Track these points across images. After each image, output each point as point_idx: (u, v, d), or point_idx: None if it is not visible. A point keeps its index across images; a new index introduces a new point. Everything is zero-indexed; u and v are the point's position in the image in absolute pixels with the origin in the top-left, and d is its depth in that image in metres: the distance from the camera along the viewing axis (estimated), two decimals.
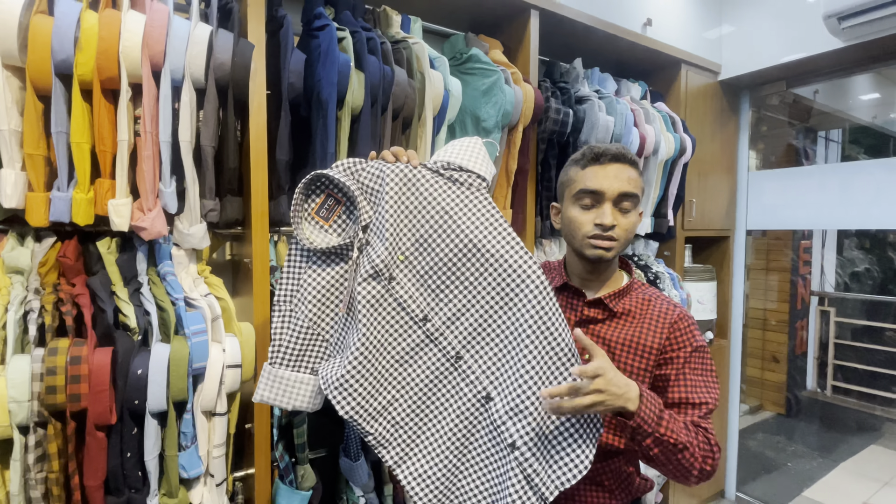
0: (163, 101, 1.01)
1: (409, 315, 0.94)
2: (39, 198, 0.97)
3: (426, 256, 0.93)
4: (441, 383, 0.94)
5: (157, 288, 1.08)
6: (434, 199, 0.92)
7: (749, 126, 2.59)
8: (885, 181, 2.15)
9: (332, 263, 0.99)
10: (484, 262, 0.89)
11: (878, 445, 3.45)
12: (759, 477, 2.89)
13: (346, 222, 0.99)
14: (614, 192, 0.92)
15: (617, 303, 0.98)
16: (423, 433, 0.94)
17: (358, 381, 0.89)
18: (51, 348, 0.93)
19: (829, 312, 3.95)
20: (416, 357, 0.94)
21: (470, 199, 0.92)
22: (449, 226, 0.91)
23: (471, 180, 0.93)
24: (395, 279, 0.93)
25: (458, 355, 0.93)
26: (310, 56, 1.22)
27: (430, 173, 0.93)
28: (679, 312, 0.96)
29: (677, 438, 0.80)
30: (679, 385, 0.91)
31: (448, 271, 0.91)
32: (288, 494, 1.22)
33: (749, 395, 3.76)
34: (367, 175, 0.95)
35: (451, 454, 0.92)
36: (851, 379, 3.88)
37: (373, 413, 0.91)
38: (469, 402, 0.92)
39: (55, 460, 0.93)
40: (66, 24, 0.93)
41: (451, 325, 0.93)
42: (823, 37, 1.99)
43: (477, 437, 0.92)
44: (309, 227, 0.98)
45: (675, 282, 2.08)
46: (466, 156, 0.95)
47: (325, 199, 0.98)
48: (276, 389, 0.98)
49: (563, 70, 1.92)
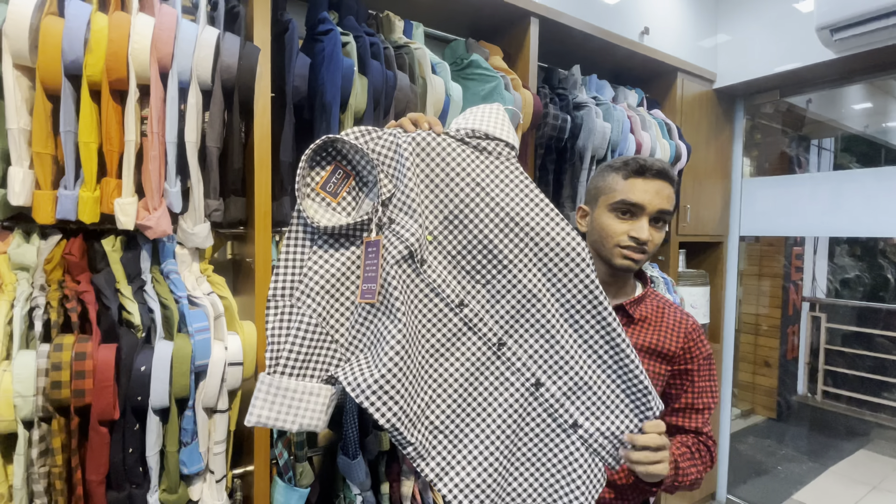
0: (170, 103, 1.03)
1: (444, 301, 0.83)
2: (46, 196, 0.98)
3: (457, 234, 0.83)
4: (483, 375, 0.84)
5: (160, 286, 1.10)
6: (463, 170, 0.82)
7: (743, 134, 2.63)
8: (876, 190, 2.19)
9: (342, 247, 0.85)
10: (523, 237, 0.81)
11: (867, 450, 3.49)
12: (750, 480, 2.92)
13: (357, 199, 0.87)
14: (654, 209, 0.92)
15: (635, 309, 1.01)
16: (467, 436, 0.82)
17: (400, 382, 0.76)
18: (56, 344, 0.94)
19: (821, 318, 4.00)
20: (453, 349, 0.83)
21: (501, 170, 0.84)
22: (482, 199, 0.82)
23: (499, 149, 0.85)
24: (426, 262, 0.82)
25: (501, 342, 0.83)
26: (314, 60, 1.24)
27: (455, 142, 0.84)
28: (692, 322, 1.02)
29: (693, 479, 0.89)
30: (689, 391, 0.99)
31: (484, 249, 0.82)
32: (286, 491, 1.23)
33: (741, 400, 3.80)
34: (383, 144, 0.84)
35: (500, 455, 0.82)
36: (841, 384, 3.93)
37: (413, 419, 0.79)
38: (517, 391, 0.83)
39: (58, 455, 0.94)
40: (76, 26, 0.94)
41: (490, 309, 0.84)
42: (816, 48, 2.03)
43: (529, 430, 0.84)
44: (314, 204, 0.85)
45: (669, 286, 2.11)
46: (491, 122, 0.86)
47: (333, 172, 0.85)
48: (276, 406, 0.80)
49: (561, 76, 1.95)
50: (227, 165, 1.16)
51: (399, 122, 0.86)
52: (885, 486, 2.98)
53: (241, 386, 1.14)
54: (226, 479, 1.15)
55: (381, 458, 1.42)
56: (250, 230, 1.22)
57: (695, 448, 0.96)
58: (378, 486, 1.40)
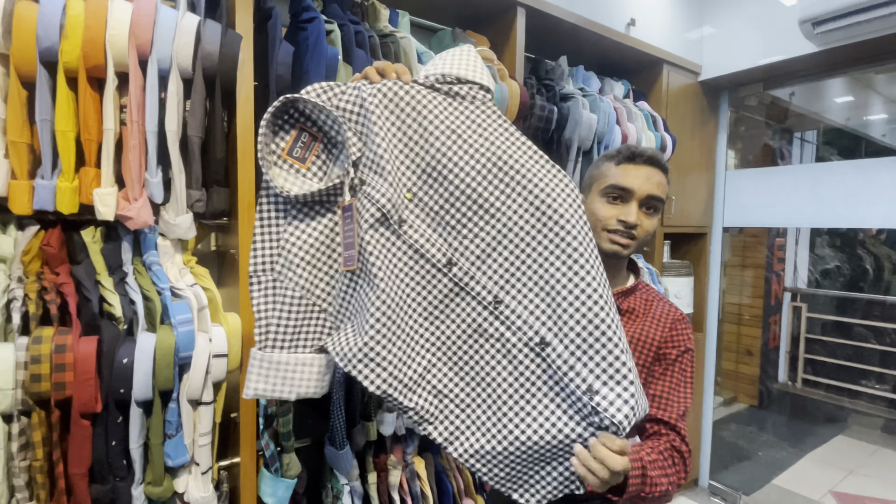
0: (149, 91, 1.01)
1: (430, 262, 0.78)
2: (23, 186, 0.96)
3: (438, 188, 0.77)
4: (483, 338, 0.78)
5: (142, 277, 1.09)
6: (437, 118, 0.76)
7: (727, 126, 2.65)
8: (856, 182, 2.23)
9: (318, 215, 0.81)
10: (509, 181, 0.74)
11: (844, 436, 3.58)
12: (732, 466, 2.98)
13: (328, 161, 0.82)
14: (643, 193, 0.93)
15: (623, 301, 1.01)
16: (474, 400, 0.78)
17: (385, 348, 0.74)
18: (35, 337, 0.93)
19: (801, 308, 4.08)
20: (446, 311, 0.79)
21: (477, 115, 0.78)
22: (460, 146, 0.75)
23: (473, 93, 0.79)
24: (406, 222, 0.78)
25: (497, 299, 0.77)
26: (298, 48, 1.23)
27: (426, 90, 0.78)
28: (679, 313, 1.01)
29: (660, 492, 0.83)
30: (664, 380, 0.95)
31: (468, 200, 0.76)
32: (273, 482, 1.23)
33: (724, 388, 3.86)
34: (348, 100, 0.78)
35: (509, 421, 0.76)
36: (821, 372, 4.02)
37: (409, 384, 0.76)
38: (521, 352, 0.76)
39: (39, 448, 0.93)
40: (51, 11, 0.92)
41: (481, 265, 0.77)
42: (799, 41, 2.05)
43: (539, 393, 0.75)
44: (282, 172, 0.80)
45: (654, 277, 2.14)
46: (462, 65, 0.80)
47: (299, 135, 0.81)
48: (272, 378, 0.80)
49: (548, 67, 1.95)
50: (210, 155, 1.14)
51: (364, 72, 0.81)
52: (861, 471, 3.06)
53: (226, 378, 1.13)
54: (212, 470, 1.14)
55: (368, 448, 1.42)
56: (234, 221, 1.20)
57: (668, 454, 0.89)
58: (365, 476, 1.41)
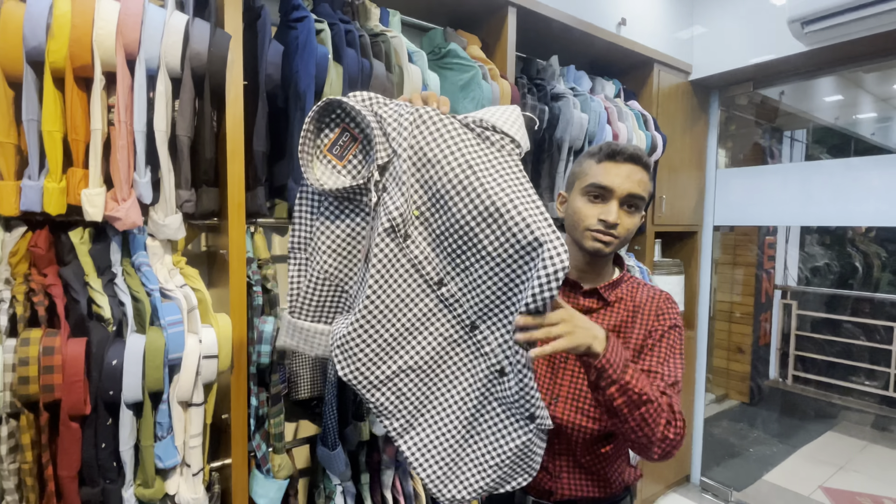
0: (137, 91, 1.00)
1: (424, 278, 0.85)
2: (9, 186, 0.95)
3: (443, 214, 0.82)
4: (454, 352, 0.88)
5: (131, 279, 1.08)
6: (458, 150, 0.80)
7: (718, 125, 2.67)
8: (846, 180, 2.26)
9: (347, 210, 0.90)
10: (505, 231, 0.77)
11: (834, 432, 3.63)
12: (723, 462, 3.01)
13: (363, 163, 0.88)
14: (623, 192, 0.93)
15: (610, 293, 1.01)
16: (430, 403, 0.89)
17: (360, 346, 0.84)
18: (23, 339, 0.92)
19: (792, 305, 4.12)
20: (428, 324, 0.87)
21: (498, 160, 0.81)
22: (470, 182, 0.78)
23: (503, 142, 0.83)
24: (410, 237, 0.84)
25: (474, 325, 0.86)
26: (287, 47, 1.22)
27: (460, 125, 0.82)
28: (664, 294, 1.02)
29: (641, 389, 0.81)
30: (653, 354, 0.94)
31: (465, 236, 0.80)
32: (264, 483, 1.23)
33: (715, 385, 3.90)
34: (387, 111, 0.84)
35: (459, 426, 0.87)
36: (811, 369, 4.07)
37: (375, 382, 0.86)
38: (483, 374, 0.86)
39: (28, 451, 0.93)
40: (38, 11, 0.91)
41: (467, 293, 0.85)
42: (788, 40, 2.07)
43: (490, 409, 0.87)
44: (320, 165, 0.87)
45: (645, 275, 2.15)
46: (503, 119, 0.86)
47: (340, 135, 0.87)
48: (296, 338, 0.96)
49: (539, 67, 1.96)
50: (199, 155, 1.14)
51: (409, 96, 0.88)
52: (850, 466, 3.10)
53: (216, 379, 1.13)
54: (203, 472, 1.14)
55: (360, 448, 1.42)
56: (224, 221, 1.20)
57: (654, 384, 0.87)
58: (358, 476, 1.41)
